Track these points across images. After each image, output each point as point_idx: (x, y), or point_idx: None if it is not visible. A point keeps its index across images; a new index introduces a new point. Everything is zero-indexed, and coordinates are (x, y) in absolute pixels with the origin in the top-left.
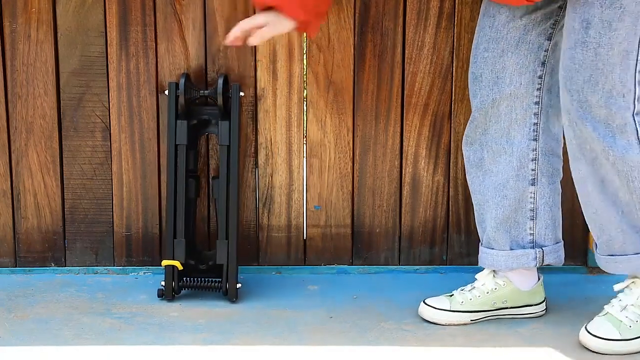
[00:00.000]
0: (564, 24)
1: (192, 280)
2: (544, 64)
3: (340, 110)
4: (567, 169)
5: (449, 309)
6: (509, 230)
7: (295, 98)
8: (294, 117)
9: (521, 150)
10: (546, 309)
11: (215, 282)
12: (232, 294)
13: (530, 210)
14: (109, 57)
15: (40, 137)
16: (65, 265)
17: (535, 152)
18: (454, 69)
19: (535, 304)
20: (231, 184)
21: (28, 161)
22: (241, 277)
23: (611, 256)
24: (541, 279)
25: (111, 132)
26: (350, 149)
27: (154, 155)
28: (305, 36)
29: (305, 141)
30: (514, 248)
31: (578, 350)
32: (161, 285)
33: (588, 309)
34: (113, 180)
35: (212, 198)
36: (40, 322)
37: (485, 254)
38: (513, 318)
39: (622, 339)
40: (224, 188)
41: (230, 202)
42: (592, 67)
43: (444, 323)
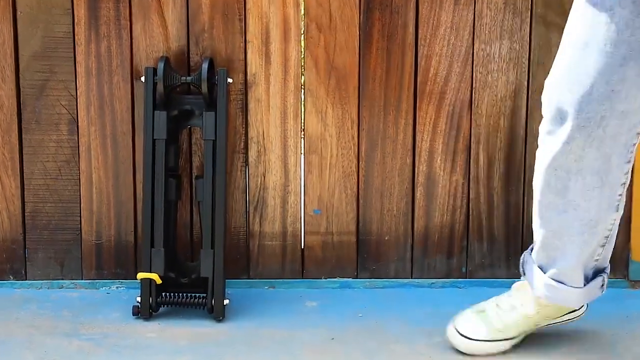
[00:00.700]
0: None
1: (173, 295)
2: None
3: (343, 100)
4: None
5: (487, 338)
6: (586, 265)
7: (292, 85)
8: (289, 108)
9: (615, 177)
10: (587, 305)
11: (199, 298)
12: (219, 311)
13: (605, 237)
14: (76, 38)
15: None
16: (25, 279)
17: (626, 176)
18: (475, 51)
19: (578, 309)
20: (217, 184)
21: None
22: (229, 293)
23: None
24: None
25: (79, 125)
26: (355, 144)
27: (129, 151)
28: (303, 14)
29: (302, 135)
30: (587, 282)
31: None
32: (137, 301)
33: (631, 328)
34: (81, 180)
35: (196, 201)
36: None
37: (553, 287)
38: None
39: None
40: (209, 189)
41: (217, 206)
42: None
43: (482, 354)
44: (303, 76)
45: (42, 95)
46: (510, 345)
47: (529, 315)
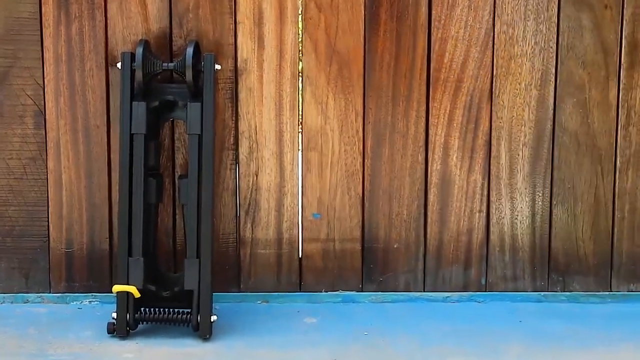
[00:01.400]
0: None
1: (153, 311)
2: None
3: (346, 89)
4: None
5: None
6: None
7: (288, 72)
8: (285, 98)
9: None
10: None
11: (183, 314)
12: (205, 329)
13: None
14: (43, 20)
15: None
16: None
17: None
18: (495, 34)
19: None
20: (204, 185)
21: None
22: (216, 308)
23: None
24: None
25: (46, 118)
26: (360, 140)
27: (103, 147)
28: None
29: (300, 129)
30: None
31: None
32: (112, 317)
33: None
34: (49, 180)
35: (179, 204)
36: None
37: None
38: None
39: None
40: (195, 190)
41: (203, 209)
42: None
43: None
44: (301, 62)
45: (5, 84)
46: None
47: None
